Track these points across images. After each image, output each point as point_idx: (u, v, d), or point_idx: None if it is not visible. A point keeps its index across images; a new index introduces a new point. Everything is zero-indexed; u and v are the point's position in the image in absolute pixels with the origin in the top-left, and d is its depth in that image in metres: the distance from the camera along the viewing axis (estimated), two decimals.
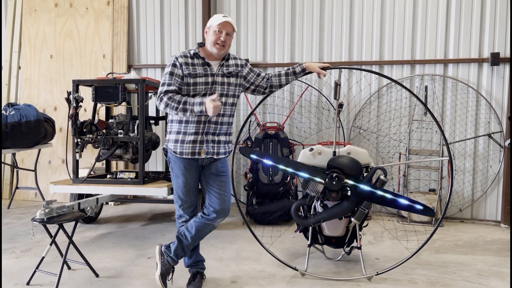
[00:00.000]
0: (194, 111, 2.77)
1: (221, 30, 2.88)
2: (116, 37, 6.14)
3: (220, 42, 2.88)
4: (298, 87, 5.68)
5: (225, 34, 2.89)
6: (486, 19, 5.13)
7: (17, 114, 4.82)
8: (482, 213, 5.27)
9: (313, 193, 3.22)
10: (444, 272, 3.51)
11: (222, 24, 2.89)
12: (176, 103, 2.78)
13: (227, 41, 2.92)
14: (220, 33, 2.88)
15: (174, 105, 2.78)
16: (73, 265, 3.51)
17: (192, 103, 2.77)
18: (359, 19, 5.50)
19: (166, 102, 2.80)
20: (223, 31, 2.89)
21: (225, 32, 2.89)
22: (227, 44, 2.92)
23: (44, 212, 3.15)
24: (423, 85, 5.26)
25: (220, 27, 2.89)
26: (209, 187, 3.02)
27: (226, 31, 2.89)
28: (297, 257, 3.83)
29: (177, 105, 2.78)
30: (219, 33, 2.89)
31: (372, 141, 5.51)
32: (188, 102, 2.78)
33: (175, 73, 2.89)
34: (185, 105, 2.77)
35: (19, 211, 5.66)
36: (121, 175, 4.57)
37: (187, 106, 2.77)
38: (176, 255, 3.06)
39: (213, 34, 2.90)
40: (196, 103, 2.75)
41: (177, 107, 2.78)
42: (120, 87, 4.34)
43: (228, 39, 2.92)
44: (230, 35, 2.94)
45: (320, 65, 3.26)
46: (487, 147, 5.20)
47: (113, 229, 4.77)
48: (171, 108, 2.80)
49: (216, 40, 2.89)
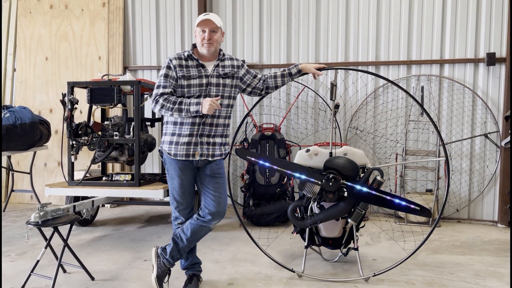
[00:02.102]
0: (190, 111, 2.78)
1: (204, 29, 2.89)
2: (112, 38, 6.12)
3: (205, 41, 2.88)
4: (294, 88, 5.68)
5: (209, 31, 2.89)
6: (481, 19, 5.14)
7: (12, 116, 4.79)
8: (479, 213, 5.28)
9: (310, 194, 3.21)
10: (441, 272, 3.51)
11: (202, 22, 2.89)
12: (172, 104, 2.80)
13: (213, 37, 2.90)
14: (203, 32, 2.89)
15: (170, 106, 2.80)
16: (68, 268, 3.48)
17: (188, 103, 2.79)
18: (355, 20, 5.50)
19: (162, 104, 2.82)
20: (206, 29, 2.88)
21: (209, 30, 2.88)
22: (213, 40, 2.90)
23: (39, 215, 3.14)
24: (419, 86, 5.26)
25: (202, 26, 2.89)
26: (204, 189, 3.01)
27: (208, 28, 2.88)
28: (294, 259, 3.82)
29: (172, 105, 2.80)
30: (203, 32, 2.89)
31: (369, 141, 5.50)
32: (184, 102, 2.80)
33: (169, 75, 2.90)
34: (181, 105, 2.79)
35: (15, 214, 5.63)
36: (117, 177, 4.55)
37: (182, 106, 2.79)
38: (172, 257, 3.05)
39: (198, 35, 2.92)
40: (193, 103, 2.78)
41: (172, 108, 2.80)
42: (116, 89, 4.33)
43: (214, 35, 2.91)
44: (216, 31, 2.92)
45: (316, 65, 3.26)
46: (484, 147, 5.20)
47: (109, 232, 4.75)
48: (167, 109, 2.82)
49: (202, 40, 2.90)
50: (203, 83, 2.91)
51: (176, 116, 2.86)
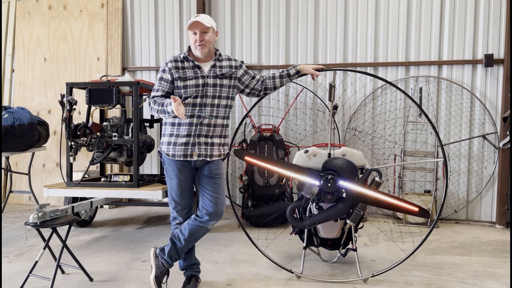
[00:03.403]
0: (167, 111, 2.81)
1: (194, 31, 2.90)
2: (111, 39, 6.12)
3: (198, 43, 2.89)
4: (293, 89, 5.68)
5: (200, 33, 2.89)
6: (479, 20, 5.15)
7: (11, 117, 4.79)
8: (477, 214, 5.29)
9: (308, 195, 3.22)
10: (439, 273, 3.51)
11: (192, 25, 2.90)
12: (157, 105, 2.88)
13: (205, 38, 2.90)
14: (194, 35, 2.91)
15: (156, 107, 2.89)
16: (67, 269, 3.48)
17: (166, 104, 2.82)
18: (354, 21, 5.51)
19: (151, 106, 2.94)
20: (197, 31, 2.89)
21: (199, 31, 2.89)
22: (205, 41, 2.91)
23: (37, 216, 3.13)
24: (417, 87, 5.27)
25: (192, 29, 2.91)
26: (202, 189, 3.01)
27: (199, 30, 2.89)
28: (292, 260, 3.82)
29: (158, 107, 2.88)
30: (194, 35, 2.91)
31: (367, 142, 5.51)
32: (165, 103, 2.84)
33: (163, 78, 2.97)
34: (163, 106, 2.85)
35: (13, 215, 5.62)
36: (116, 178, 4.54)
37: (164, 108, 2.83)
38: (170, 258, 3.05)
39: (190, 38, 2.95)
40: (168, 103, 2.81)
41: (158, 109, 2.88)
42: (114, 90, 4.32)
43: (205, 36, 2.91)
44: (207, 31, 2.91)
45: (315, 66, 3.26)
46: (482, 148, 5.22)
47: (108, 233, 4.74)
48: (155, 111, 2.92)
49: (194, 43, 2.92)
50: (200, 84, 2.92)
51: (163, 116, 2.90)
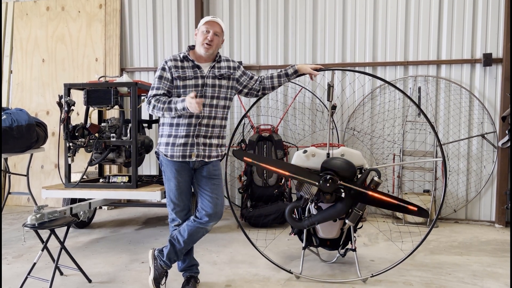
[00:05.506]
0: (177, 108, 2.78)
1: (209, 29, 2.89)
2: (109, 40, 6.11)
3: (207, 41, 2.88)
4: (291, 89, 5.68)
5: (213, 33, 2.89)
6: (478, 20, 5.15)
7: (9, 118, 4.76)
8: (476, 214, 5.28)
9: (307, 195, 3.21)
10: (439, 273, 3.51)
11: (209, 23, 2.89)
12: (162, 103, 2.83)
13: (214, 41, 2.90)
14: (207, 33, 2.89)
15: (160, 106, 2.83)
16: (65, 270, 3.47)
17: (175, 101, 2.79)
18: (352, 21, 5.51)
19: (153, 104, 2.86)
20: (211, 30, 2.89)
21: (213, 32, 2.89)
22: (214, 43, 2.91)
23: (35, 218, 3.12)
24: (416, 86, 5.27)
25: (207, 27, 2.90)
26: (201, 190, 3.00)
27: (213, 30, 2.89)
28: (291, 260, 3.81)
29: (162, 105, 2.82)
30: (207, 32, 2.90)
31: (366, 142, 5.50)
32: (173, 101, 2.81)
33: (164, 77, 2.93)
34: (170, 104, 2.81)
35: (11, 216, 5.61)
36: (114, 179, 4.53)
37: (171, 105, 2.80)
38: (169, 259, 3.04)
39: (201, 34, 2.92)
40: (179, 100, 2.78)
41: (162, 107, 2.82)
42: (112, 91, 4.32)
43: (216, 39, 2.91)
44: (219, 35, 2.93)
45: (313, 66, 3.25)
46: (481, 148, 5.21)
47: (107, 234, 4.73)
48: (158, 109, 2.85)
49: (203, 40, 2.90)
50: (199, 84, 2.91)
51: (167, 115, 2.87)
